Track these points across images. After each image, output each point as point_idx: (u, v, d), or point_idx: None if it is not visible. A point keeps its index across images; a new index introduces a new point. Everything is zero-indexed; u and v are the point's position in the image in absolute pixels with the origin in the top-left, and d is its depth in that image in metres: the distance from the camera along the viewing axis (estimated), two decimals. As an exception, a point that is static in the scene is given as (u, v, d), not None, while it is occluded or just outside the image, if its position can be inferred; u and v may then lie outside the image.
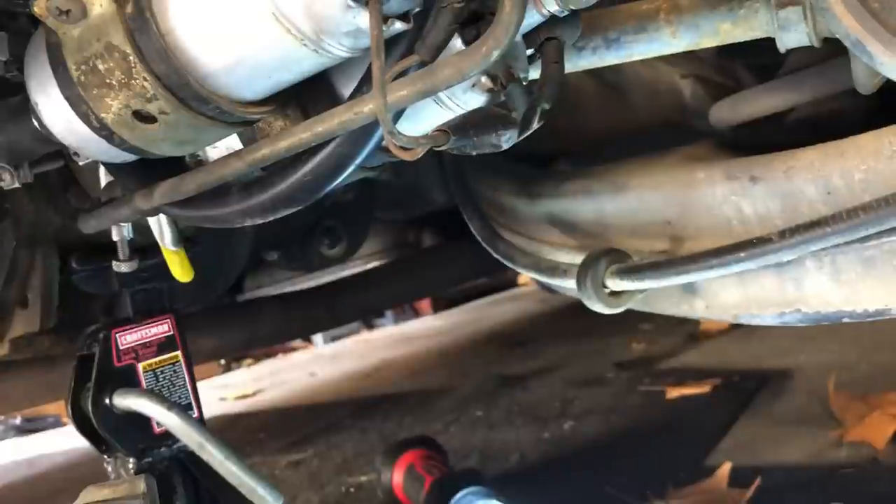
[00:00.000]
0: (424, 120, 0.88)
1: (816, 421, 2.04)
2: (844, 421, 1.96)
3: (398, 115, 0.81)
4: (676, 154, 1.44)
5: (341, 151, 0.84)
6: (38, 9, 0.74)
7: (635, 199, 1.37)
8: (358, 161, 0.85)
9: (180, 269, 1.33)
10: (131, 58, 0.74)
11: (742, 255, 1.03)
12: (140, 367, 1.39)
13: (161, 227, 1.29)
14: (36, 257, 1.51)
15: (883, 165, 1.06)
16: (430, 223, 3.05)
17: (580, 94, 1.82)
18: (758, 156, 1.20)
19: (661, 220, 1.32)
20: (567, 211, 1.53)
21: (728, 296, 1.23)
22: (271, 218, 0.92)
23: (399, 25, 0.72)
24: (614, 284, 1.14)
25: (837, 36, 0.72)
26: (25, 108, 0.91)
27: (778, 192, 1.15)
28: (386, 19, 0.68)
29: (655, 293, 1.30)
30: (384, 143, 0.85)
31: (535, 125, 0.87)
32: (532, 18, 0.84)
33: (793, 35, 1.15)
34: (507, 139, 0.82)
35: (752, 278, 1.19)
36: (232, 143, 0.96)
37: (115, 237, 1.39)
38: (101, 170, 1.24)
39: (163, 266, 1.36)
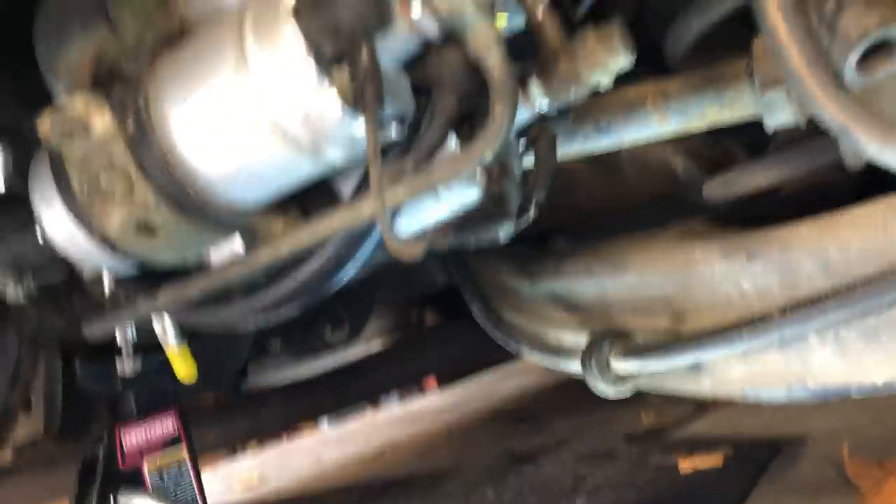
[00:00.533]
0: (422, 215, 0.90)
1: (833, 489, 2.00)
2: (861, 488, 1.92)
3: (396, 214, 0.83)
4: (673, 231, 1.46)
5: (342, 252, 0.85)
6: (43, 129, 0.76)
7: (635, 278, 1.38)
8: (358, 261, 0.86)
9: (183, 365, 1.33)
10: (133, 173, 0.76)
11: (744, 334, 1.03)
12: (145, 467, 1.38)
13: (164, 325, 1.30)
14: (39, 360, 1.51)
15: (878, 237, 1.07)
16: (433, 302, 3.05)
17: (574, 172, 1.85)
18: (753, 232, 1.22)
19: (661, 298, 1.33)
20: (569, 290, 1.54)
21: (734, 373, 1.23)
22: (275, 317, 0.93)
23: (395, 130, 0.74)
24: (619, 367, 1.14)
25: (823, 122, 0.74)
26: (30, 221, 0.92)
27: (775, 267, 1.16)
28: (381, 125, 0.70)
29: (661, 372, 1.30)
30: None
31: (531, 216, 0.89)
32: (524, 115, 0.86)
33: (779, 116, 1.17)
34: (504, 231, 0.84)
35: (757, 354, 1.19)
36: (235, 246, 0.97)
37: (118, 339, 1.39)
38: (105, 276, 1.25)
39: (166, 364, 1.36)
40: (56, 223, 0.84)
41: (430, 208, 0.89)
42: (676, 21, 1.38)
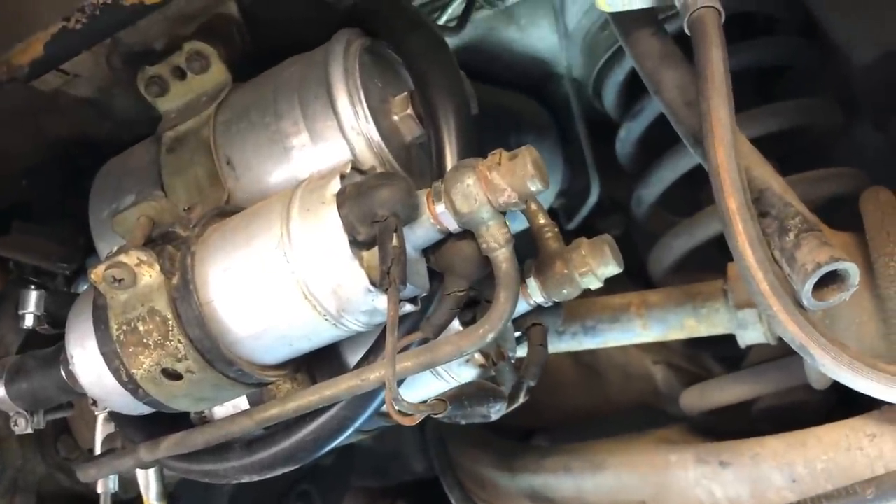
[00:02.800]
0: (420, 388, 0.97)
1: None
2: None
3: (399, 384, 0.90)
4: (651, 436, 1.52)
5: (344, 415, 0.91)
6: (95, 276, 0.85)
7: (613, 479, 1.42)
8: (358, 424, 0.92)
9: (160, 525, 1.33)
10: (171, 322, 0.84)
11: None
12: None
13: (148, 481, 1.32)
14: (14, 504, 1.50)
15: (842, 456, 1.14)
16: (405, 494, 3.00)
17: (559, 374, 1.93)
18: (726, 441, 1.28)
19: (637, 501, 1.37)
20: (547, 486, 1.57)
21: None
22: (269, 476, 0.97)
23: (409, 307, 0.83)
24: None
25: (785, 340, 0.84)
26: (54, 360, 0.99)
27: (746, 477, 1.22)
28: (399, 302, 0.79)
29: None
30: (383, 408, 0.93)
31: (522, 399, 0.96)
32: (521, 307, 0.96)
33: (751, 333, 1.29)
34: (496, 411, 0.90)
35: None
36: (239, 402, 1.03)
37: (99, 489, 1.40)
38: (99, 421, 1.29)
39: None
40: (86, 363, 0.90)
41: (429, 383, 0.97)
42: (660, 242, 1.53)
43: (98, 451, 1.28)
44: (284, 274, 0.81)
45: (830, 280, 0.80)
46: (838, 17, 1.48)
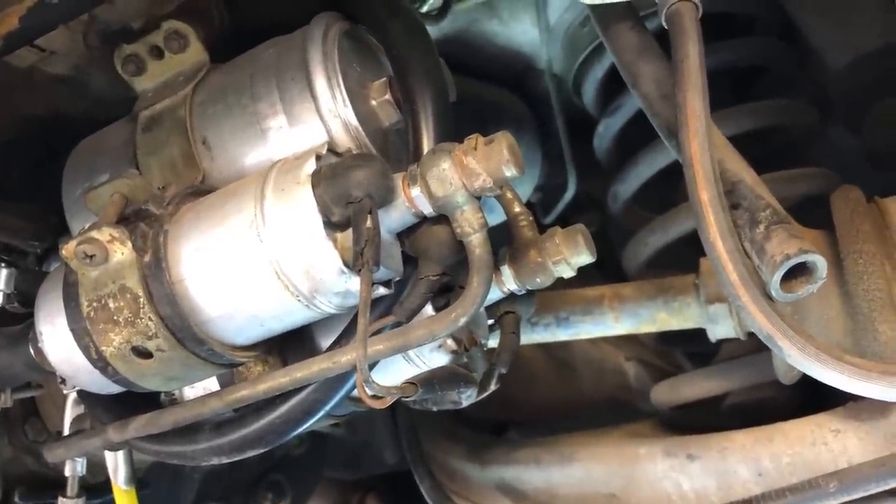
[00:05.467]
0: (392, 374, 0.97)
1: None
2: None
3: (371, 368, 0.90)
4: (621, 430, 1.53)
5: (315, 397, 0.91)
6: (67, 252, 0.84)
7: (582, 471, 1.43)
8: (328, 407, 0.92)
9: (127, 509, 1.32)
10: (142, 300, 0.84)
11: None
12: None
13: (117, 464, 1.31)
14: (-22, 487, 1.48)
15: (807, 451, 1.16)
16: (375, 488, 3.00)
17: (532, 368, 1.94)
18: (694, 435, 1.30)
19: (605, 493, 1.38)
20: (517, 479, 1.57)
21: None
22: (239, 458, 0.97)
23: (382, 290, 0.83)
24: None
25: (753, 331, 0.85)
26: (23, 337, 0.98)
27: (713, 470, 1.23)
28: (372, 284, 0.79)
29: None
30: (354, 392, 0.93)
31: (493, 387, 0.96)
32: (494, 294, 0.97)
33: (721, 328, 1.30)
34: (467, 397, 0.91)
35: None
36: (209, 383, 1.02)
37: (67, 472, 1.39)
38: (69, 402, 1.28)
39: (108, 508, 1.35)
40: (56, 340, 0.90)
41: (400, 368, 0.97)
42: (635, 238, 1.54)
43: (66, 432, 1.27)
44: (257, 253, 0.81)
45: (799, 272, 0.82)
46: (814, 20, 1.50)
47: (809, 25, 1.52)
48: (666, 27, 0.87)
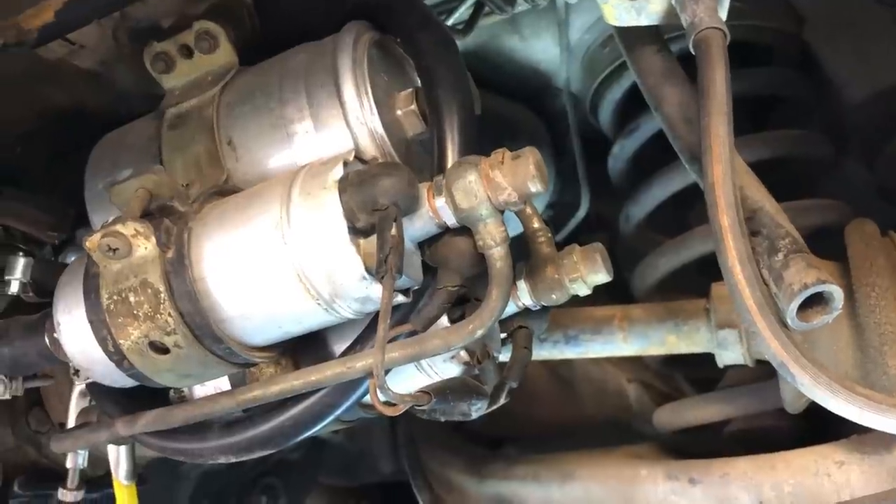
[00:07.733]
0: (401, 382, 0.98)
1: None
2: None
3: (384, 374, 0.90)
4: (621, 451, 1.54)
5: (326, 401, 0.92)
6: (90, 244, 0.85)
7: (581, 490, 1.44)
8: (339, 412, 0.93)
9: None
10: (162, 295, 0.84)
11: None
12: None
13: (119, 459, 1.31)
14: (-22, 474, 1.48)
15: (809, 481, 1.16)
16: (369, 496, 2.99)
17: (534, 385, 1.94)
18: (697, 460, 1.30)
19: (604, 512, 1.38)
20: (515, 494, 1.57)
21: None
22: (247, 458, 0.97)
23: (401, 298, 0.84)
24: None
25: (766, 358, 0.85)
26: (39, 326, 0.98)
27: (714, 496, 1.23)
28: (392, 291, 0.80)
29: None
30: (365, 398, 0.93)
31: (502, 401, 0.97)
32: (509, 308, 0.97)
33: (730, 353, 1.31)
34: (477, 409, 0.91)
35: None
36: (220, 382, 1.03)
37: (68, 464, 1.39)
38: (75, 394, 1.28)
39: (107, 501, 1.35)
40: (73, 331, 0.90)
41: (412, 377, 0.97)
42: (646, 260, 1.55)
43: (71, 424, 1.27)
44: (280, 255, 0.81)
45: (815, 302, 0.82)
46: (832, 53, 1.52)
47: (828, 58, 1.53)
48: (693, 52, 0.88)
